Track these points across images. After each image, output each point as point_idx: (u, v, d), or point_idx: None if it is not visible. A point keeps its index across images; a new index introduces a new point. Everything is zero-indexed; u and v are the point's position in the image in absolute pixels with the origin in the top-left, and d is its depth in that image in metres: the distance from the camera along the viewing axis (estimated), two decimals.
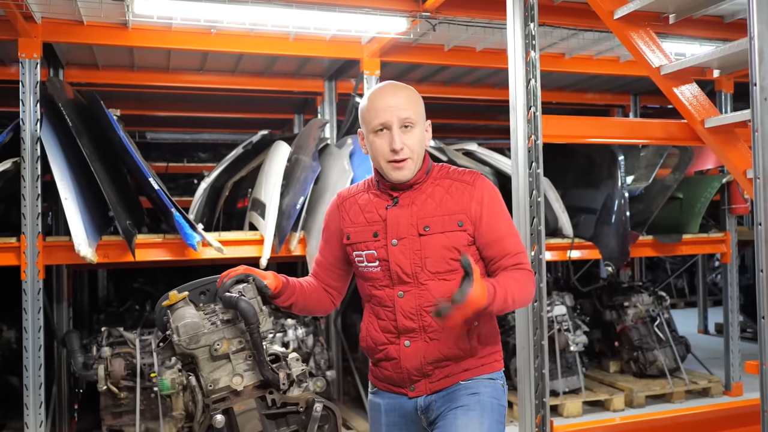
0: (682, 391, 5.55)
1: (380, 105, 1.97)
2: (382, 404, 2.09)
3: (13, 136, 4.23)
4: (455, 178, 2.03)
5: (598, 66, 5.60)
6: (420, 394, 2.01)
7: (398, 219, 1.99)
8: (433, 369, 1.98)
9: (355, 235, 2.05)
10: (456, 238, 1.96)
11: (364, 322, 2.09)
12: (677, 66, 2.90)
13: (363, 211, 2.06)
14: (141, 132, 7.99)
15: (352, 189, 2.15)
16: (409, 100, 1.98)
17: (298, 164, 4.66)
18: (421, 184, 2.02)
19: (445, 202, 1.99)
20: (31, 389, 4.05)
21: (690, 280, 10.83)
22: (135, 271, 7.20)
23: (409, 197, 2.01)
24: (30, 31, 4.11)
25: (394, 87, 2.02)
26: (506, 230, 2.00)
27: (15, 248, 4.07)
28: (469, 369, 2.00)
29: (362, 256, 2.03)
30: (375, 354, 2.07)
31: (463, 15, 4.30)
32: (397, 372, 2.01)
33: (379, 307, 2.03)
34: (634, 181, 5.73)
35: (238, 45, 4.72)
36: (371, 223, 2.03)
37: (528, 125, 3.09)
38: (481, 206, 1.98)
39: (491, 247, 1.99)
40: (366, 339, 2.08)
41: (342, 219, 2.09)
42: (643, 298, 5.96)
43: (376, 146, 1.98)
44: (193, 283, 2.07)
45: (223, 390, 1.81)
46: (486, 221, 1.98)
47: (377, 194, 2.06)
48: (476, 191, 1.99)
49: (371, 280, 2.03)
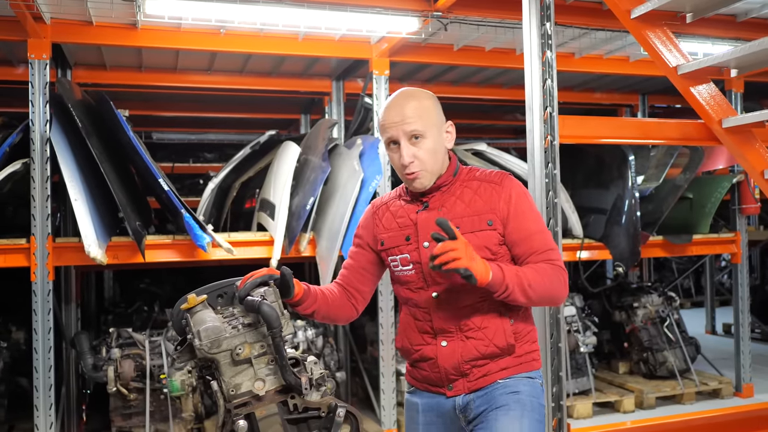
0: (692, 393, 5.52)
1: (387, 121, 2.02)
2: (419, 403, 2.11)
3: (23, 137, 4.22)
4: (483, 179, 2.06)
5: (608, 65, 5.57)
6: (458, 393, 2.02)
7: (429, 221, 2.02)
8: (470, 368, 2.00)
9: (388, 240, 2.10)
10: (486, 238, 1.98)
11: (401, 324, 2.14)
12: (695, 66, 2.87)
13: (395, 217, 2.11)
14: (147, 132, 7.97)
15: (384, 197, 2.21)
16: (416, 111, 1.99)
17: (307, 165, 4.64)
18: (449, 187, 2.05)
19: (474, 203, 2.01)
20: (41, 391, 4.04)
21: (696, 280, 10.80)
22: (141, 272, 7.19)
23: (438, 200, 2.05)
24: (39, 32, 4.09)
25: (402, 99, 2.03)
26: (534, 228, 2.00)
27: (25, 249, 4.06)
28: (507, 368, 2.00)
29: (397, 261, 2.08)
30: (411, 355, 2.10)
31: (475, 14, 4.27)
32: (435, 372, 2.04)
33: (415, 309, 2.07)
34: (644, 181, 5.70)
35: (248, 45, 4.69)
36: (403, 228, 2.08)
37: (544, 126, 3.06)
38: (508, 205, 1.99)
39: (519, 245, 2.00)
40: (402, 340, 2.12)
41: (376, 226, 2.15)
42: (652, 298, 5.93)
43: (392, 160, 2.05)
44: (210, 286, 2.05)
45: (245, 395, 1.78)
46: (513, 219, 1.99)
47: (408, 200, 2.11)
48: (504, 190, 2.01)
49: (407, 283, 2.08)
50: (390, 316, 4.82)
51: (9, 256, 4.05)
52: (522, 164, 4.89)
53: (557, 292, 1.98)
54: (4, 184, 4.12)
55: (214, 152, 8.58)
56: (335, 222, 4.39)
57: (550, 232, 2.07)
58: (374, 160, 4.51)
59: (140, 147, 4.10)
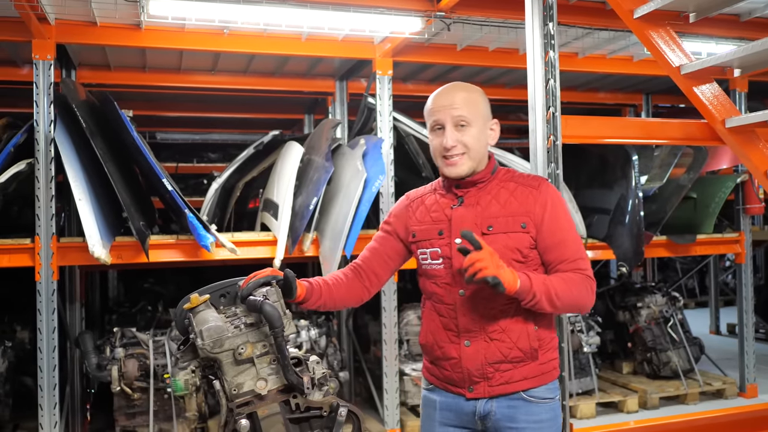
0: (696, 393, 5.52)
1: (435, 105, 2.06)
2: (437, 401, 2.12)
3: (27, 138, 4.24)
4: (520, 182, 2.07)
5: (611, 65, 5.57)
6: (478, 396, 2.03)
7: (462, 218, 2.04)
8: (493, 371, 2.01)
9: (420, 233, 2.12)
10: (518, 240, 2.00)
11: (425, 319, 2.15)
12: (698, 65, 2.86)
13: (429, 211, 2.12)
14: (151, 132, 7.99)
15: (419, 190, 2.23)
16: (465, 100, 2.04)
17: (310, 165, 4.65)
18: (486, 184, 2.07)
19: (510, 204, 2.02)
20: (45, 390, 4.06)
21: (700, 280, 10.78)
22: (145, 272, 7.21)
23: (474, 197, 2.06)
24: (44, 33, 4.11)
25: (453, 87, 2.09)
26: (567, 236, 2.02)
27: (29, 249, 4.08)
28: (528, 377, 2.02)
29: (426, 254, 2.10)
30: (434, 352, 2.11)
31: (478, 14, 4.28)
32: (458, 372, 2.04)
33: (440, 305, 2.08)
34: (648, 181, 5.69)
35: (251, 45, 4.71)
36: (437, 222, 2.09)
37: (547, 126, 3.06)
38: (544, 210, 2.01)
39: (551, 252, 2.01)
40: (426, 336, 2.13)
41: (409, 218, 2.17)
42: (656, 298, 5.93)
43: (432, 144, 2.08)
44: (213, 286, 2.05)
45: (247, 394, 1.78)
46: (547, 225, 2.00)
47: (443, 194, 2.13)
48: (540, 195, 2.03)
49: (434, 277, 2.09)
50: (393, 316, 4.83)
51: (14, 256, 4.08)
52: (525, 164, 4.89)
53: (583, 301, 2.00)
54: (9, 184, 4.14)
55: (218, 152, 8.59)
56: (338, 222, 4.39)
57: (581, 240, 2.07)
58: (377, 160, 4.51)
59: (144, 147, 4.12)
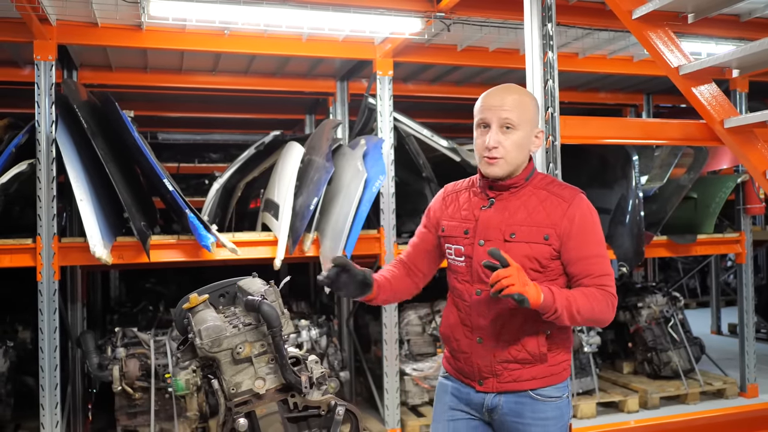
0: (696, 393, 5.52)
1: (485, 104, 2.07)
2: (450, 386, 2.20)
3: (29, 138, 4.26)
4: (553, 192, 2.05)
5: (612, 65, 5.58)
6: (487, 390, 2.09)
7: (489, 221, 2.07)
8: (502, 369, 2.06)
9: (449, 229, 2.16)
10: (539, 251, 2.00)
11: (446, 311, 2.21)
12: (697, 66, 2.87)
13: (461, 209, 2.16)
14: (153, 133, 8.01)
15: (457, 184, 2.26)
16: (515, 103, 2.04)
17: (311, 165, 4.66)
18: (518, 189, 2.07)
19: (537, 214, 2.02)
20: (47, 390, 4.08)
21: (702, 280, 10.77)
22: (147, 272, 7.22)
23: (504, 201, 2.07)
24: (45, 33, 4.12)
25: (505, 89, 2.10)
26: (595, 251, 2.01)
27: (31, 249, 4.09)
28: (536, 377, 2.05)
29: (452, 250, 2.15)
30: (451, 343, 2.18)
31: (478, 15, 4.28)
32: (468, 365, 2.12)
33: (459, 300, 2.14)
34: (648, 181, 5.69)
35: (252, 46, 4.72)
36: (465, 221, 2.12)
37: (546, 126, 3.07)
38: (572, 224, 2.00)
39: (575, 265, 2.01)
40: (445, 327, 2.20)
41: (443, 211, 2.21)
42: (656, 298, 5.93)
43: (476, 140, 2.09)
44: (212, 286, 2.08)
45: (245, 393, 1.80)
46: (575, 239, 1.99)
47: (476, 193, 2.15)
48: (570, 209, 2.01)
49: (456, 272, 2.15)
50: (393, 315, 4.84)
51: (15, 256, 4.09)
52: None
53: (603, 316, 2.00)
54: (11, 184, 4.16)
55: (219, 152, 8.61)
56: (339, 222, 4.41)
57: (609, 257, 2.09)
58: (378, 161, 4.52)
59: (145, 147, 4.13)
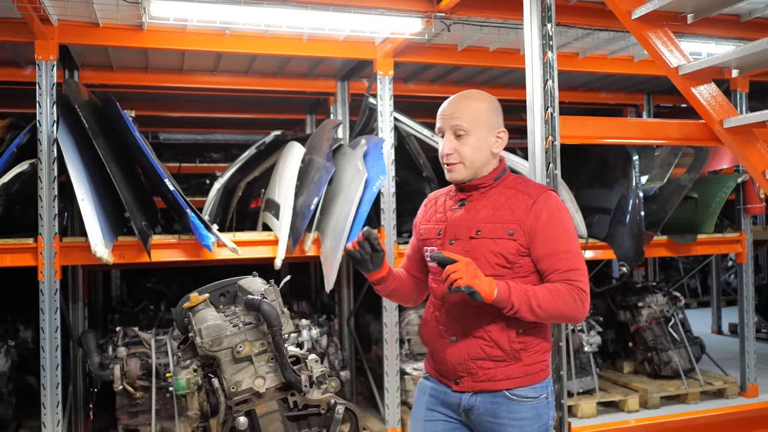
0: (697, 392, 5.53)
1: (440, 113, 2.15)
2: (429, 387, 2.23)
3: (30, 138, 4.27)
4: (520, 189, 2.09)
5: (612, 65, 5.58)
6: (463, 389, 2.11)
7: (457, 221, 2.13)
8: (476, 368, 2.07)
9: (425, 232, 2.24)
10: (504, 246, 2.04)
11: (425, 313, 2.26)
12: (696, 66, 2.87)
13: (436, 212, 2.23)
14: (154, 132, 8.02)
15: (439, 191, 2.32)
16: (466, 110, 2.10)
17: (311, 165, 4.67)
18: (488, 189, 2.13)
19: (502, 211, 2.07)
20: (48, 389, 4.09)
21: (703, 280, 10.77)
22: (148, 271, 7.23)
23: (474, 201, 2.14)
24: (47, 34, 4.14)
25: (460, 97, 2.16)
26: (563, 247, 2.02)
27: (32, 249, 4.11)
28: (511, 377, 2.05)
29: (427, 252, 2.21)
30: (428, 343, 2.23)
31: (478, 15, 4.29)
32: (443, 365, 2.15)
33: (435, 300, 2.21)
34: (648, 181, 5.70)
35: (253, 46, 4.73)
36: (438, 223, 2.20)
37: (545, 126, 3.08)
38: (537, 220, 2.02)
39: (543, 261, 2.04)
40: (423, 327, 2.26)
41: (422, 217, 2.29)
42: (657, 298, 5.94)
43: (440, 147, 2.16)
44: (212, 285, 2.08)
45: (245, 392, 1.81)
46: (542, 235, 2.02)
47: (451, 197, 2.22)
48: (536, 205, 2.04)
49: (433, 273, 2.22)
50: (394, 315, 4.85)
51: (17, 256, 4.11)
52: (526, 164, 4.90)
53: (571, 312, 1.99)
54: (12, 184, 4.17)
55: (220, 152, 8.62)
56: (339, 222, 4.41)
57: (580, 252, 2.06)
58: (378, 161, 4.53)
59: (146, 147, 4.14)
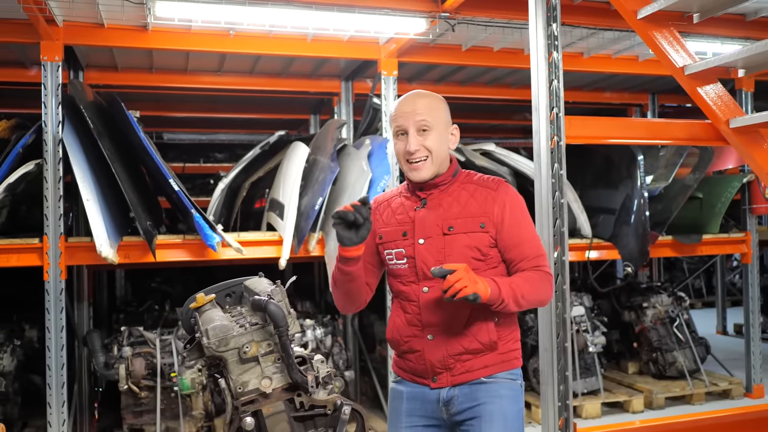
0: (702, 393, 5.51)
1: (399, 112, 2.16)
2: (404, 392, 2.21)
3: (36, 138, 4.28)
4: (480, 184, 2.17)
5: (617, 65, 5.57)
6: (442, 385, 2.13)
7: (425, 220, 2.15)
8: (455, 362, 2.10)
9: (386, 234, 2.21)
10: (478, 239, 2.10)
11: (392, 316, 2.24)
12: (702, 66, 2.86)
13: (395, 213, 2.22)
14: (158, 133, 8.04)
15: (386, 194, 2.32)
16: (427, 106, 2.14)
17: (316, 165, 4.67)
18: (447, 186, 2.17)
19: (470, 205, 2.12)
20: (53, 388, 4.09)
21: (708, 280, 10.74)
22: (152, 271, 7.25)
23: (436, 199, 2.16)
24: (52, 34, 4.14)
25: (414, 95, 2.20)
26: (526, 235, 2.13)
27: (38, 249, 4.11)
28: (488, 365, 2.11)
29: (392, 254, 2.19)
30: (400, 346, 2.20)
31: (483, 15, 4.28)
32: (421, 363, 2.15)
33: (406, 302, 2.17)
34: (653, 181, 5.68)
35: (257, 46, 4.73)
36: (401, 224, 2.19)
37: (550, 126, 3.07)
38: (503, 211, 2.11)
39: (511, 251, 2.12)
40: (392, 332, 2.21)
41: (375, 221, 2.24)
42: (662, 298, 5.92)
43: (396, 148, 2.17)
44: (219, 285, 2.08)
45: (252, 392, 1.81)
46: (507, 225, 2.10)
47: (408, 197, 2.23)
48: (499, 196, 2.13)
49: (399, 276, 2.19)
50: None
51: (22, 256, 4.12)
52: (530, 164, 4.89)
53: (544, 296, 2.12)
54: (18, 184, 4.18)
55: (224, 152, 8.63)
56: None
57: (539, 238, 2.19)
58: (383, 161, 4.53)
59: (151, 147, 4.15)
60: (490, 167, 5.06)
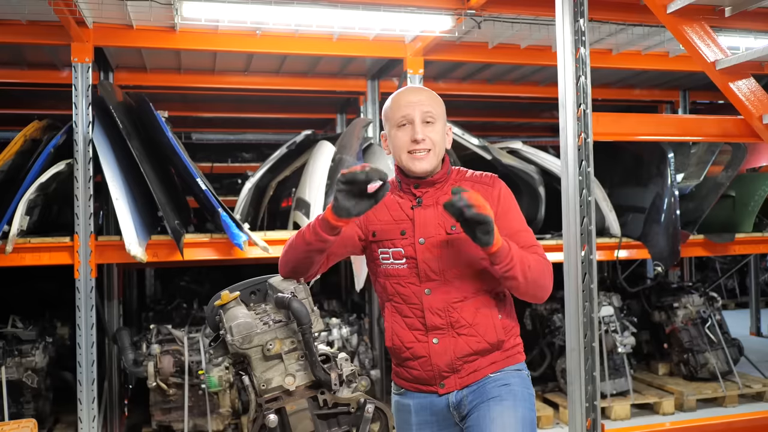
0: (735, 395, 5.39)
1: (403, 101, 2.08)
2: (411, 404, 2.11)
3: (67, 139, 4.35)
4: (475, 180, 2.13)
5: (647, 61, 5.48)
6: (450, 390, 2.06)
7: (425, 219, 2.06)
8: (462, 364, 2.04)
9: (381, 232, 2.09)
10: None
11: (388, 322, 2.11)
12: (734, 60, 2.81)
13: (389, 210, 2.10)
14: (187, 133, 8.12)
15: None
16: (430, 98, 2.10)
17: (342, 164, 4.67)
18: (442, 184, 2.10)
19: None
20: (84, 385, 4.16)
21: (741, 281, 10.52)
22: (181, 270, 7.33)
23: (432, 197, 2.08)
24: (82, 36, 4.21)
25: (415, 88, 2.18)
26: (519, 226, 2.09)
27: (68, 247, 4.19)
28: (495, 362, 2.07)
29: (388, 253, 2.08)
30: (402, 353, 2.09)
31: (509, 12, 4.25)
32: (427, 370, 2.05)
33: (404, 305, 2.07)
34: (684, 179, 5.58)
35: (283, 46, 4.76)
36: (398, 222, 2.08)
37: (578, 123, 3.03)
38: (499, 204, 2.07)
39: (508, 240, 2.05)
40: (392, 338, 2.10)
41: (366, 216, 2.05)
42: (693, 298, 5.81)
43: (397, 139, 2.07)
44: (243, 283, 2.09)
45: (275, 390, 1.82)
46: (503, 218, 2.05)
47: (401, 195, 2.12)
48: (494, 191, 2.09)
49: (396, 277, 2.08)
50: None
51: (54, 254, 4.20)
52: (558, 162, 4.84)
53: (546, 281, 2.04)
54: (50, 183, 4.26)
55: (251, 152, 8.69)
56: None
57: (531, 230, 2.12)
58: None
59: (179, 147, 4.19)
60: (517, 166, 5.02)
